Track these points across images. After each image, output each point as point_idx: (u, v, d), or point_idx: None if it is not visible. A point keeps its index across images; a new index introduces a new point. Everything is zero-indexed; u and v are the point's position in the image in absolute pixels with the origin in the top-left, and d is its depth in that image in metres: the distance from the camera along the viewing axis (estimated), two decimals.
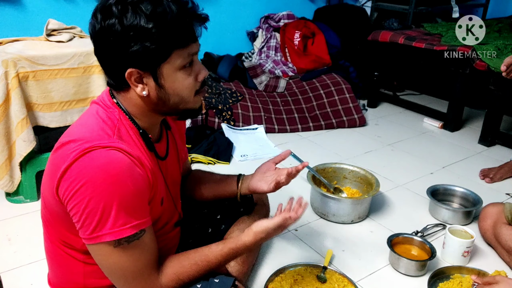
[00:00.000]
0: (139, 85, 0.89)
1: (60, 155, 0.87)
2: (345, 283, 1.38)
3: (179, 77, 0.91)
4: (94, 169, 0.82)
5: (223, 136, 2.40)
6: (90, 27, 0.88)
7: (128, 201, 0.85)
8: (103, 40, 0.86)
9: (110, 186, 0.83)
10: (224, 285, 1.00)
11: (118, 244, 0.86)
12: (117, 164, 0.84)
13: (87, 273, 0.99)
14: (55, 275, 1.05)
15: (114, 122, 0.92)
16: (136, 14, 0.83)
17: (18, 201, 1.82)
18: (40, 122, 1.77)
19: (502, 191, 2.06)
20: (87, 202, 0.82)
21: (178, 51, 0.88)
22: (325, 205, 1.76)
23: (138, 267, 0.90)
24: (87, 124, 0.91)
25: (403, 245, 1.57)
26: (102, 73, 1.83)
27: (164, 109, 0.95)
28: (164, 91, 0.91)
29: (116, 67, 0.88)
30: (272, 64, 3.17)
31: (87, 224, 0.84)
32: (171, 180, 1.10)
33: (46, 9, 2.38)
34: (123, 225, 0.85)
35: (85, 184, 0.82)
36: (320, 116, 2.77)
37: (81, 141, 0.85)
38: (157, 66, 0.88)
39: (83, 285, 1.00)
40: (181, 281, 0.97)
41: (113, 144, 0.86)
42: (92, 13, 0.88)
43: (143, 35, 0.83)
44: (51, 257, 1.04)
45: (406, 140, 2.64)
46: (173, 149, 1.11)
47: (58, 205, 0.89)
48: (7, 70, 1.63)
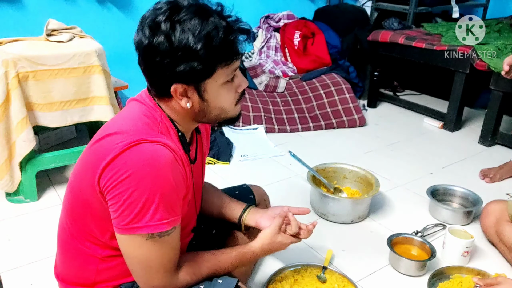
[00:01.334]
0: (183, 98, 0.92)
1: (105, 146, 0.88)
2: (345, 283, 1.38)
3: (222, 92, 0.93)
4: (141, 161, 0.84)
5: (223, 136, 2.40)
6: (137, 40, 0.89)
7: (168, 197, 0.87)
8: (150, 56, 0.87)
9: (155, 180, 0.84)
10: (228, 286, 1.01)
11: (151, 238, 0.88)
12: (162, 159, 0.86)
13: (101, 270, 1.00)
14: (66, 269, 1.05)
15: (157, 120, 0.94)
16: (184, 33, 0.84)
17: (18, 201, 1.82)
18: (40, 122, 1.77)
19: (502, 191, 2.06)
20: (130, 193, 0.84)
21: (222, 69, 0.90)
22: (325, 205, 1.76)
23: (163, 262, 0.92)
24: (130, 118, 0.93)
25: (403, 245, 1.58)
26: (102, 73, 1.83)
27: (204, 120, 0.99)
28: (207, 104, 0.94)
29: (161, 81, 0.90)
30: (272, 64, 3.17)
31: (126, 215, 0.85)
32: (197, 184, 1.11)
33: (46, 9, 2.38)
34: (160, 220, 0.87)
35: (131, 175, 0.84)
36: (320, 116, 2.77)
37: (127, 134, 0.87)
38: (202, 81, 0.90)
39: (93, 281, 1.01)
40: (194, 276, 1.00)
41: (160, 140, 0.88)
42: (139, 25, 0.89)
43: (190, 55, 0.85)
44: (65, 251, 1.04)
45: (406, 140, 2.64)
46: (200, 153, 1.12)
47: (95, 195, 0.90)
48: (7, 70, 1.63)
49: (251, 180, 1.60)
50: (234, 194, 1.40)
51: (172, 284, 0.95)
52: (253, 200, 1.41)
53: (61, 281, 1.07)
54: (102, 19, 2.57)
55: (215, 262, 1.04)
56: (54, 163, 1.87)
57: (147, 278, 0.93)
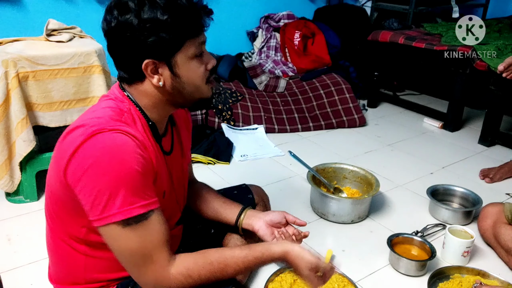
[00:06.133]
0: (155, 76, 0.93)
1: (68, 140, 0.89)
2: (345, 283, 1.38)
3: (192, 66, 0.95)
4: (99, 150, 0.84)
5: (223, 136, 2.40)
6: (104, 23, 0.92)
7: (134, 182, 0.86)
8: (120, 35, 0.89)
9: (116, 166, 0.84)
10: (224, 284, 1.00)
11: (127, 224, 0.87)
12: (122, 146, 0.86)
13: (88, 266, 0.99)
14: (56, 270, 1.06)
15: (122, 110, 0.95)
16: (152, 7, 0.87)
17: (18, 201, 1.82)
18: (40, 122, 1.77)
19: (502, 191, 2.06)
20: (95, 183, 0.84)
21: (190, 41, 0.92)
22: (325, 205, 1.76)
23: (147, 249, 0.90)
24: (95, 112, 0.94)
25: (403, 245, 1.58)
26: (102, 73, 1.83)
27: (179, 100, 0.99)
28: (179, 80, 0.95)
29: (132, 60, 0.92)
30: (272, 64, 3.17)
31: (96, 205, 0.85)
32: (176, 176, 1.11)
33: (46, 9, 2.38)
34: (131, 204, 0.86)
35: (92, 165, 0.84)
36: (320, 116, 2.77)
37: (88, 126, 0.88)
38: (172, 55, 0.92)
39: (84, 279, 1.01)
40: (190, 278, 0.94)
41: (119, 127, 0.88)
42: (106, 10, 0.91)
43: (159, 26, 0.88)
44: (53, 252, 1.04)
45: (406, 140, 2.64)
46: (177, 146, 1.13)
47: (65, 191, 0.90)
48: (7, 70, 1.63)
49: (251, 180, 1.59)
50: (232, 194, 1.40)
51: (165, 278, 0.91)
52: (252, 199, 1.41)
53: (54, 282, 1.08)
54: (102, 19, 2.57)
55: (223, 269, 0.96)
56: None
57: (137, 272, 0.91)
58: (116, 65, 0.97)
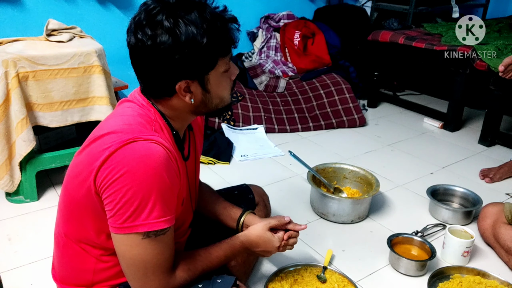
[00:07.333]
0: (187, 94, 0.93)
1: (99, 146, 0.88)
2: (345, 283, 1.38)
3: (222, 81, 0.96)
4: (135, 159, 0.84)
5: (223, 136, 2.40)
6: (133, 38, 0.88)
7: (164, 195, 0.87)
8: (154, 55, 0.86)
9: (150, 178, 0.84)
10: (226, 284, 1.00)
11: (147, 236, 0.87)
12: (157, 157, 0.86)
13: (98, 270, 1.00)
14: (63, 270, 1.05)
15: (151, 118, 0.94)
16: (188, 28, 0.85)
17: (18, 201, 1.83)
18: (40, 122, 1.77)
19: (502, 191, 2.06)
20: (126, 192, 0.84)
21: (222, 58, 0.93)
22: (325, 205, 1.76)
23: (160, 261, 0.91)
24: (124, 117, 0.93)
25: (403, 245, 1.58)
26: (103, 73, 1.83)
27: (202, 110, 0.99)
28: (209, 95, 0.96)
29: (164, 79, 0.90)
30: (272, 64, 3.17)
31: (121, 213, 0.85)
32: (192, 181, 1.12)
33: (46, 9, 2.38)
34: (157, 218, 0.86)
35: (126, 173, 0.83)
36: (320, 116, 2.78)
37: (121, 133, 0.87)
38: (206, 74, 0.92)
39: (91, 281, 1.01)
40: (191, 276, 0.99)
41: (153, 138, 0.88)
42: (135, 24, 0.87)
43: (197, 49, 0.86)
44: (62, 253, 1.04)
45: (406, 140, 2.64)
46: (193, 150, 1.13)
47: (88, 195, 0.89)
48: (7, 70, 1.63)
49: (251, 180, 1.60)
50: (233, 194, 1.40)
51: (170, 285, 0.95)
52: (253, 199, 1.41)
53: (59, 282, 1.07)
54: (102, 19, 2.57)
55: (208, 256, 1.04)
56: (54, 163, 1.87)
57: (144, 281, 0.92)
58: (140, 80, 0.95)
